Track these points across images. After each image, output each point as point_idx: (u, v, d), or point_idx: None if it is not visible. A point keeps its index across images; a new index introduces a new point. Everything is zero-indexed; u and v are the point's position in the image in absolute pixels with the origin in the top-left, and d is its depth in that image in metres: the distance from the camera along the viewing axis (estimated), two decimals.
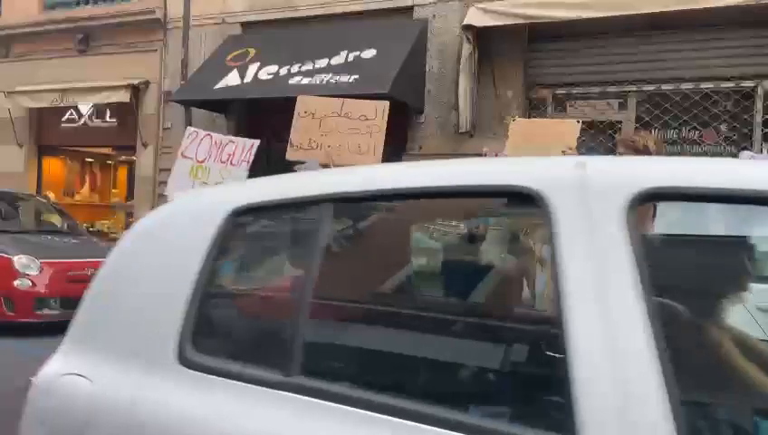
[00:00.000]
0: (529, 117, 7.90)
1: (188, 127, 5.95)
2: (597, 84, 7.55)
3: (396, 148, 8.22)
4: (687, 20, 6.75)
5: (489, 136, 7.10)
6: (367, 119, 4.94)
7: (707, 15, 6.58)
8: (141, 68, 10.11)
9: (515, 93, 7.80)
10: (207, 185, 4.95)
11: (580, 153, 7.54)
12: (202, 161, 5.06)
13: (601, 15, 6.83)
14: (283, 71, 8.37)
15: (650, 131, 7.07)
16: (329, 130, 4.98)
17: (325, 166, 4.88)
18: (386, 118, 5.02)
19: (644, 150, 3.28)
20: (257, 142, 5.07)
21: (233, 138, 5.23)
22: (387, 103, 5.05)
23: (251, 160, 5.07)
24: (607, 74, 7.45)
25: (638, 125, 7.34)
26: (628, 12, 6.70)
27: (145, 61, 10.16)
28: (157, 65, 10.11)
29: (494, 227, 3.52)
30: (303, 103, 5.17)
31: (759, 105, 6.88)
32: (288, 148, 5.11)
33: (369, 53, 8.13)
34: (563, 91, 7.78)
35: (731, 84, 6.98)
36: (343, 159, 4.91)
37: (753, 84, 6.91)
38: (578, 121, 4.73)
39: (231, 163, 5.01)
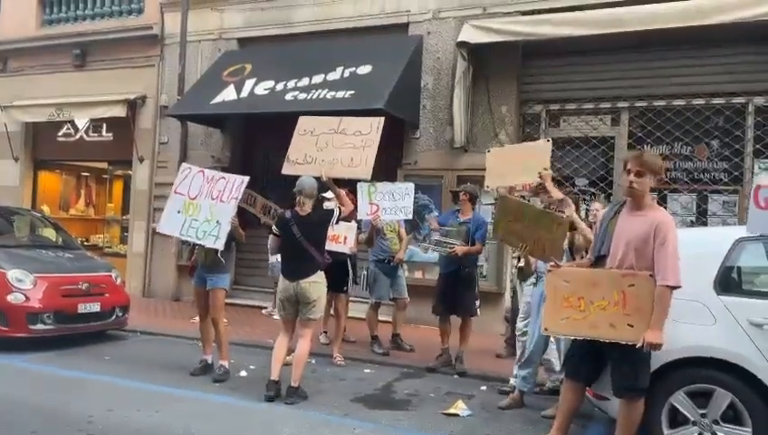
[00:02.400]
0: (523, 132, 7.99)
1: (183, 163, 6.09)
2: (590, 100, 7.63)
3: (391, 163, 8.29)
4: (679, 37, 6.85)
5: (483, 151, 7.10)
6: (361, 134, 5.05)
7: (699, 33, 6.68)
8: (138, 83, 10.16)
9: (509, 109, 7.87)
10: (198, 221, 5.03)
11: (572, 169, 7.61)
12: (194, 198, 5.14)
13: (594, 33, 6.92)
14: (280, 86, 8.43)
15: (643, 147, 7.17)
16: (324, 146, 5.08)
17: (318, 178, 4.93)
18: (380, 132, 5.12)
19: (659, 171, 3.37)
20: (247, 179, 5.20)
21: (224, 174, 5.32)
22: (382, 118, 5.14)
23: (239, 197, 5.16)
24: (600, 90, 7.53)
25: (630, 141, 7.41)
26: (621, 29, 6.79)
27: (142, 76, 10.21)
28: (153, 80, 10.16)
29: None
30: (304, 122, 5.29)
31: (750, 121, 6.97)
32: (285, 163, 5.18)
33: (365, 69, 8.20)
34: (557, 107, 7.86)
35: (722, 101, 7.07)
36: (336, 172, 5.00)
37: (744, 100, 7.01)
38: (548, 140, 4.86)
39: (221, 200, 5.09)
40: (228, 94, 8.66)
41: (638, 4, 6.88)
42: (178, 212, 5.19)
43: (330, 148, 5.02)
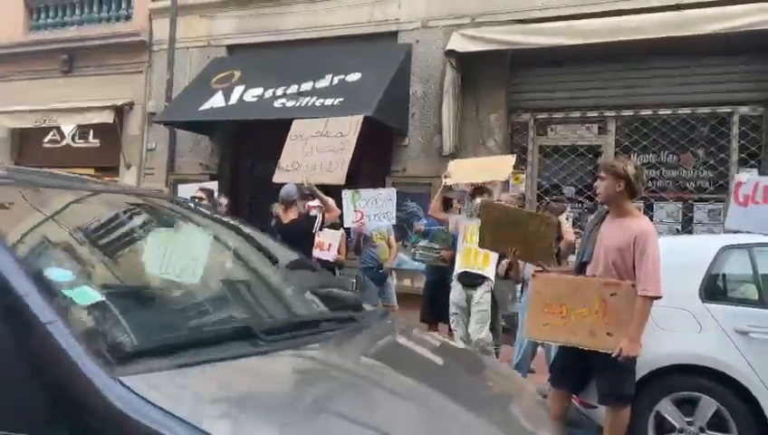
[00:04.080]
0: (511, 140, 8.03)
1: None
2: (577, 109, 7.68)
3: (380, 170, 8.29)
4: (665, 48, 6.91)
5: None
6: (342, 135, 5.05)
7: (684, 44, 6.75)
8: (126, 89, 10.10)
9: (498, 117, 7.90)
10: None
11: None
12: None
13: (580, 43, 6.97)
14: (268, 93, 8.42)
15: (629, 156, 7.21)
16: (309, 151, 5.07)
17: (300, 185, 4.93)
18: (357, 132, 5.12)
19: (624, 175, 3.36)
20: (226, 201, 5.23)
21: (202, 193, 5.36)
22: (360, 117, 5.13)
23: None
24: (587, 99, 7.58)
25: (617, 149, 7.46)
26: (607, 39, 6.85)
27: (130, 82, 10.16)
28: (141, 87, 10.11)
29: None
30: (296, 127, 5.28)
31: (735, 130, 7.04)
32: (276, 170, 5.14)
33: (354, 77, 8.20)
34: (544, 116, 7.90)
35: (707, 110, 7.14)
36: (315, 178, 4.97)
37: (728, 110, 7.08)
38: (513, 155, 5.02)
39: None
40: (217, 101, 8.63)
41: (624, 15, 6.95)
42: None
43: (314, 152, 5.02)
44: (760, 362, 3.31)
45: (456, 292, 5.24)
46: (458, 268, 5.17)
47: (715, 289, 3.65)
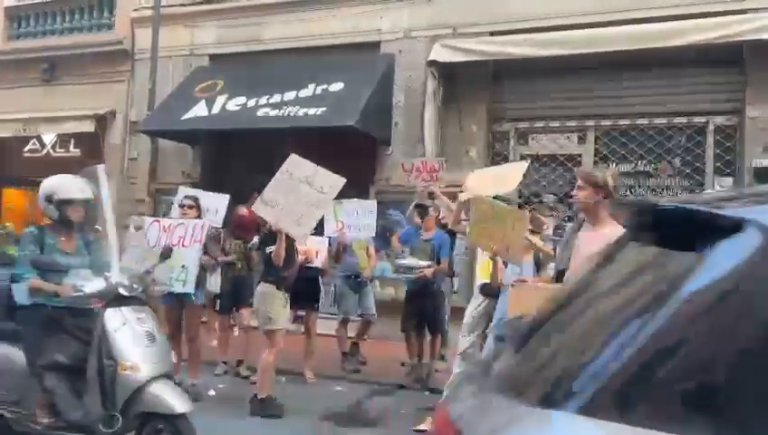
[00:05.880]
0: (492, 149, 8.12)
1: (132, 217, 6.10)
2: (557, 119, 7.80)
3: (364, 179, 8.33)
4: (643, 59, 7.04)
5: (454, 168, 7.20)
6: (322, 191, 4.88)
7: (662, 55, 6.89)
8: (108, 98, 10.05)
9: (479, 127, 8.00)
10: (160, 268, 4.86)
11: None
12: (153, 247, 5.06)
13: (559, 54, 7.10)
14: (251, 102, 8.44)
15: (608, 165, 7.33)
16: (289, 193, 4.87)
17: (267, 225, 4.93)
18: (335, 193, 5.00)
19: (602, 185, 3.43)
20: (207, 223, 5.17)
21: (183, 220, 5.24)
22: (343, 180, 4.96)
23: (203, 240, 5.10)
24: (567, 109, 7.71)
25: (596, 158, 7.58)
26: (585, 51, 6.98)
27: (112, 91, 10.11)
28: (124, 96, 10.07)
29: None
30: (289, 163, 5.07)
31: (710, 140, 7.20)
32: (258, 199, 5.00)
33: (337, 86, 8.25)
34: (525, 125, 8.01)
35: (683, 120, 7.29)
36: (284, 226, 4.80)
37: (704, 120, 7.24)
38: (526, 162, 4.99)
39: (182, 245, 5.03)
40: (200, 110, 8.63)
41: (602, 27, 7.10)
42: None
43: (292, 197, 4.84)
44: None
45: (477, 302, 5.28)
46: (478, 280, 5.21)
47: None
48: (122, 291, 3.70)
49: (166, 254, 4.36)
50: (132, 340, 3.57)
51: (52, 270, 3.75)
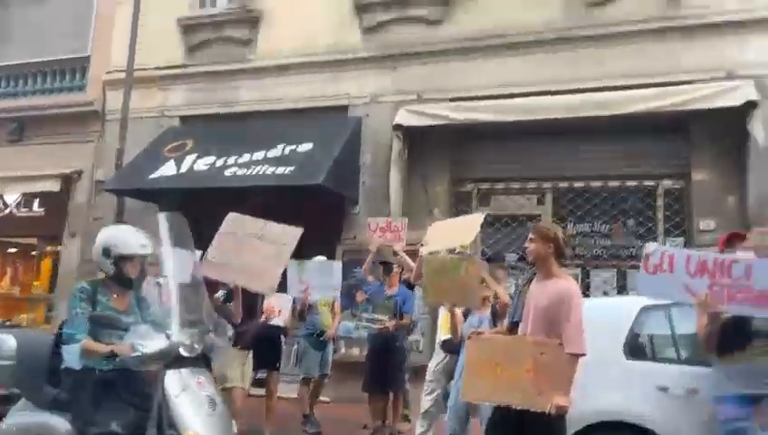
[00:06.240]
0: (456, 210, 8.33)
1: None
2: (517, 180, 8.12)
3: (331, 238, 8.41)
4: (598, 125, 7.42)
5: (419, 227, 7.34)
6: (278, 243, 4.80)
7: (615, 121, 7.26)
8: (76, 158, 10.06)
9: (443, 188, 8.26)
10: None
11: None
12: None
13: (519, 119, 7.47)
14: (220, 162, 8.55)
15: (566, 225, 7.60)
16: (242, 251, 4.73)
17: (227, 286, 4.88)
18: (294, 244, 4.91)
19: (553, 238, 3.59)
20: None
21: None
22: (300, 229, 4.95)
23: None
24: (526, 171, 8.03)
25: (555, 218, 7.83)
26: (544, 116, 7.36)
27: (81, 151, 10.14)
28: (92, 156, 10.10)
29: None
30: (230, 222, 4.98)
31: (660, 202, 7.54)
32: (203, 261, 4.90)
33: (306, 147, 8.45)
34: (487, 187, 8.30)
35: (635, 183, 7.65)
36: (245, 283, 4.73)
37: (654, 184, 7.61)
38: (481, 214, 5.11)
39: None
40: (168, 169, 8.69)
41: (559, 95, 7.52)
42: None
43: (246, 254, 4.71)
44: (678, 418, 3.47)
45: (439, 359, 5.31)
46: (440, 336, 5.26)
47: (637, 347, 3.85)
48: (183, 351, 3.33)
49: None
50: (194, 406, 3.23)
51: (109, 328, 3.39)
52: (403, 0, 8.69)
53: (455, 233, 4.98)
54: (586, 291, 7.32)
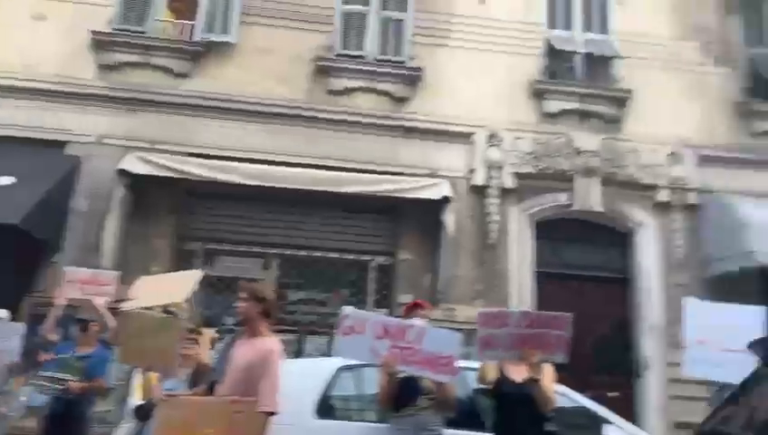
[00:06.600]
0: (178, 268, 7.96)
1: None
2: (243, 243, 8.16)
3: (18, 290, 7.27)
4: (321, 199, 7.94)
5: (130, 283, 6.82)
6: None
7: (336, 197, 7.87)
8: None
9: (167, 243, 7.87)
10: None
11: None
12: None
13: (249, 183, 7.61)
14: None
15: (286, 291, 7.85)
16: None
17: None
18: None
19: (262, 298, 3.67)
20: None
21: None
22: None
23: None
24: (253, 235, 8.14)
25: (278, 284, 8.04)
26: (273, 184, 7.64)
27: None
28: None
29: None
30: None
31: (372, 275, 8.33)
32: None
33: (8, 180, 7.34)
34: (213, 246, 8.17)
35: (352, 257, 8.34)
36: None
37: (368, 259, 8.38)
38: (199, 271, 5.05)
39: None
40: None
41: (292, 167, 7.90)
42: None
43: None
44: None
45: (127, 428, 4.72)
46: (134, 401, 4.70)
47: (329, 407, 4.08)
48: None
49: None
50: None
51: None
52: (150, 46, 8.40)
53: (168, 289, 4.79)
54: (300, 356, 7.54)
